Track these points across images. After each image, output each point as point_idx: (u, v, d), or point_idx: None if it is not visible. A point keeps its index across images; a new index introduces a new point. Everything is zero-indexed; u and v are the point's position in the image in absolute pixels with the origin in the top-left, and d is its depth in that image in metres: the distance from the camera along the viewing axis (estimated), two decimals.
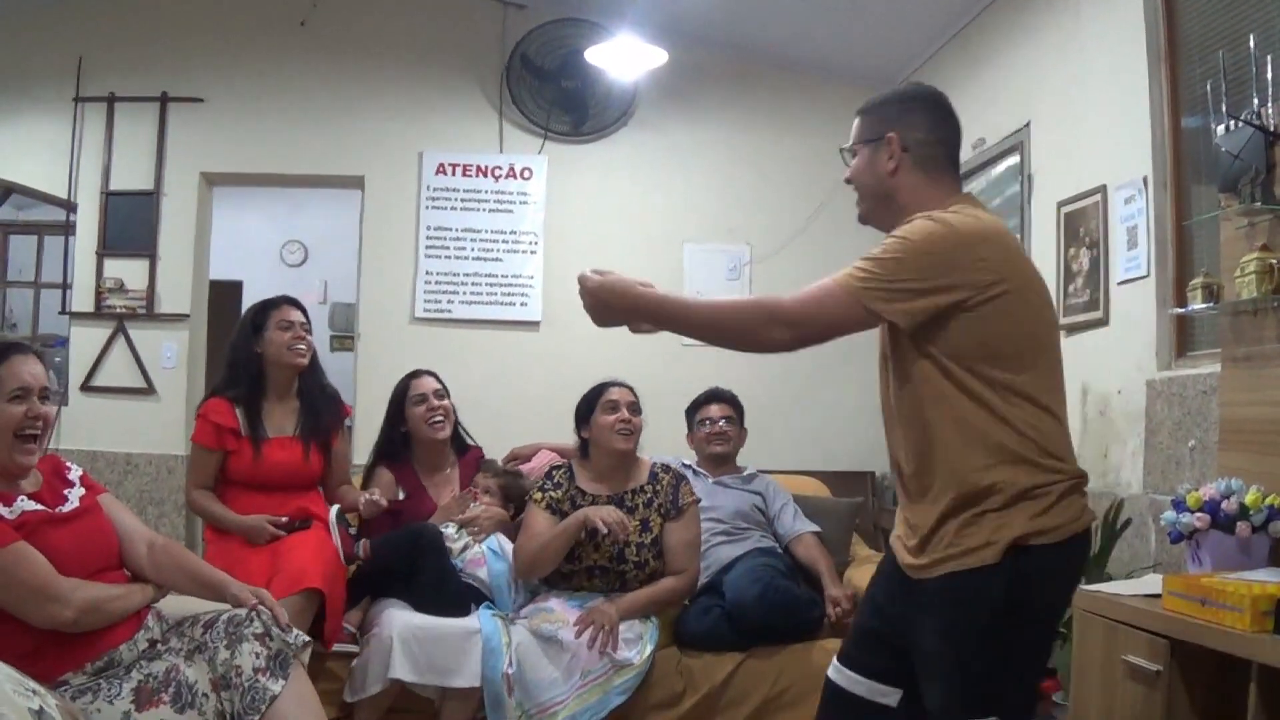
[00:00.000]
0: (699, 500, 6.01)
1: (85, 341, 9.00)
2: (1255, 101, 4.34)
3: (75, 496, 4.09)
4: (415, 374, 6.31)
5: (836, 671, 3.67)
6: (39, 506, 3.91)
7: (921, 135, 3.43)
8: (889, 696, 3.47)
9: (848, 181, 3.60)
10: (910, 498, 3.40)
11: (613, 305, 3.51)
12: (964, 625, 3.18)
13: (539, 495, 5.82)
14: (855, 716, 3.59)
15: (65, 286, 9.24)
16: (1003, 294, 3.13)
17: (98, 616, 3.83)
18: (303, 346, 5.78)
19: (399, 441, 6.27)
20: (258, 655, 3.80)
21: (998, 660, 3.15)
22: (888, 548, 3.59)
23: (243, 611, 3.95)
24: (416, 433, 6.19)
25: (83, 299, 9.02)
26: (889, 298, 3.13)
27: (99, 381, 8.95)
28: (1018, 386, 3.17)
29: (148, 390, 8.93)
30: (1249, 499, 4.06)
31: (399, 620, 5.33)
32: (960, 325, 3.15)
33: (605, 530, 5.47)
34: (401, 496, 6.10)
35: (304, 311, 5.92)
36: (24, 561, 3.69)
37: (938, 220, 3.19)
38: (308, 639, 4.10)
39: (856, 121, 3.55)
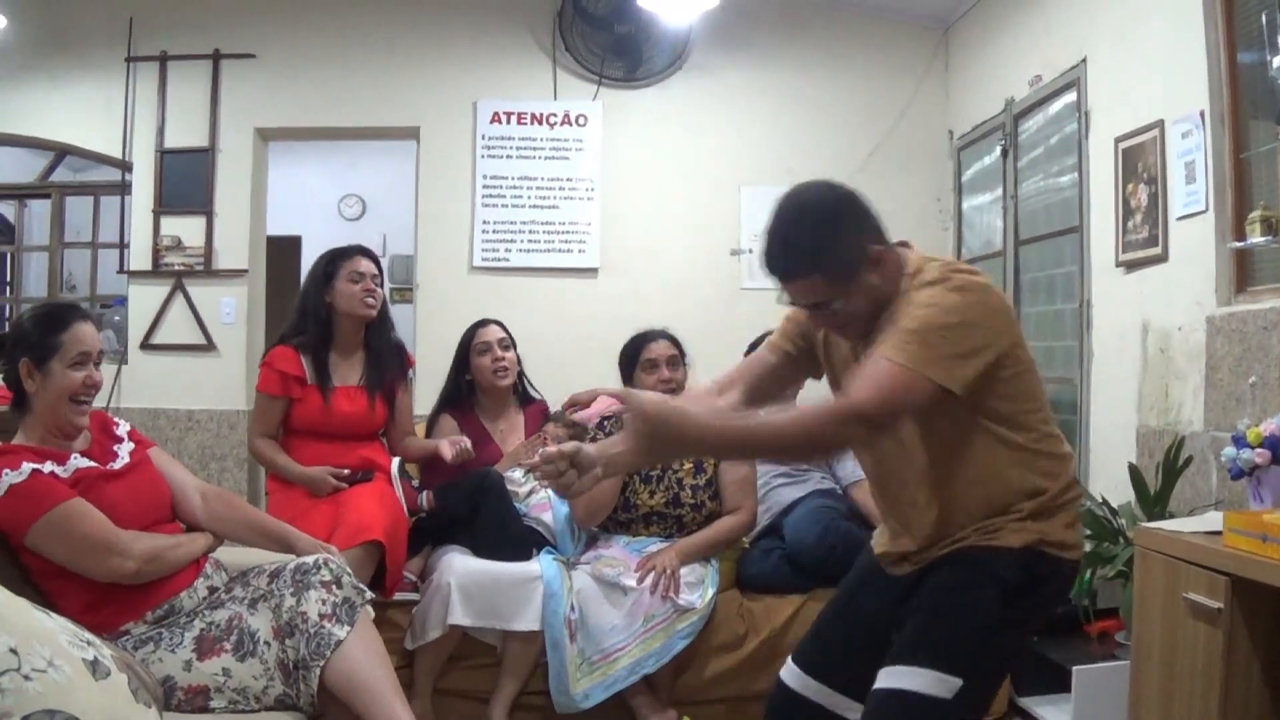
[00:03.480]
0: None
1: (144, 300, 9.05)
2: None
3: (125, 452, 4.14)
4: (482, 323, 6.31)
5: (787, 670, 3.68)
6: (92, 463, 3.95)
7: (875, 224, 3.37)
8: (852, 711, 3.43)
9: (839, 328, 3.44)
10: (926, 538, 3.40)
11: (670, 448, 3.10)
12: (969, 587, 3.23)
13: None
14: (795, 714, 3.60)
15: (123, 246, 9.26)
16: (1014, 349, 3.19)
17: (159, 565, 3.87)
18: (372, 300, 5.76)
19: (464, 389, 6.28)
20: (324, 602, 3.81)
21: (990, 635, 3.20)
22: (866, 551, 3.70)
23: (310, 559, 3.97)
24: (480, 381, 6.20)
25: (140, 258, 9.07)
26: (949, 371, 3.05)
27: (158, 339, 9.00)
28: (1039, 429, 3.28)
29: (207, 346, 8.97)
30: None
31: (458, 566, 5.37)
32: (995, 380, 3.16)
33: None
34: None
35: (377, 262, 5.90)
36: (83, 516, 3.73)
37: (954, 288, 3.14)
38: (371, 594, 4.12)
39: (816, 280, 3.24)
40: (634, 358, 5.92)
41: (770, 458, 3.28)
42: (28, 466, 3.77)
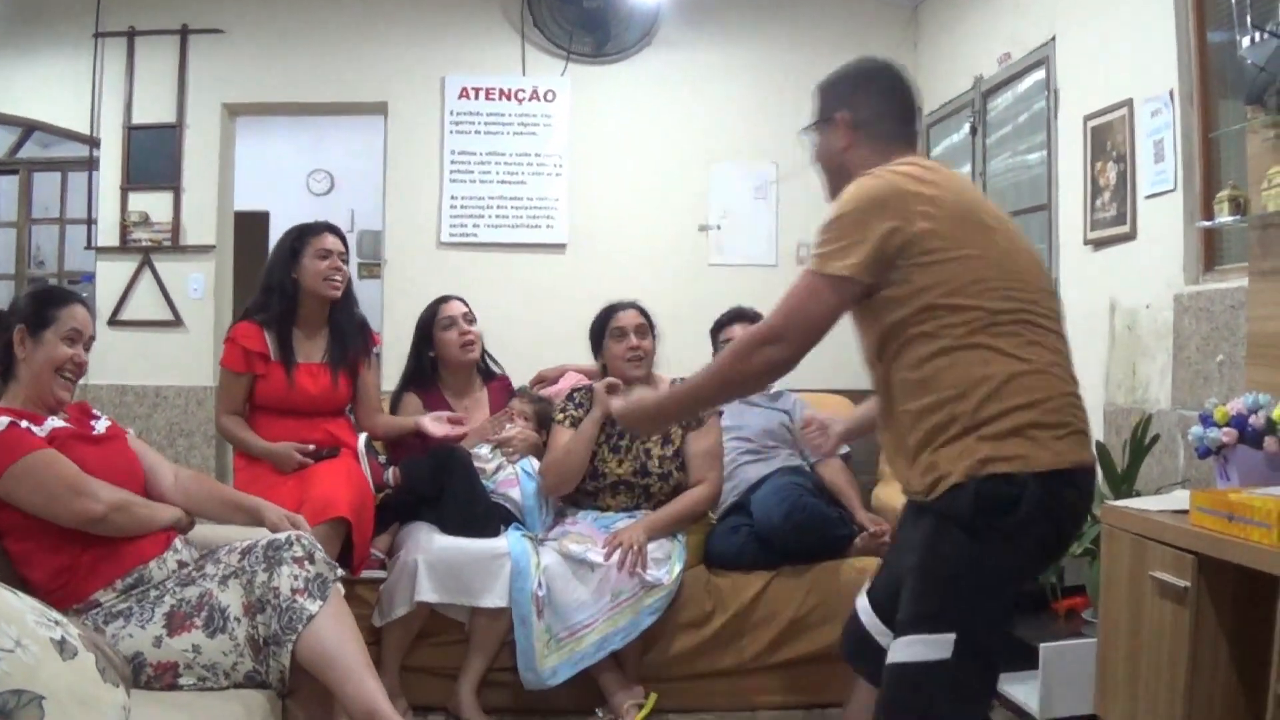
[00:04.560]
0: (722, 412, 6.01)
1: (112, 276, 9.03)
2: None
3: (102, 426, 4.20)
4: (444, 299, 6.30)
5: (860, 602, 3.85)
6: (68, 425, 4.02)
7: (869, 112, 3.58)
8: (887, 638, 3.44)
9: (814, 162, 3.76)
10: (901, 455, 3.42)
11: (645, 424, 3.79)
12: (939, 538, 3.23)
13: (561, 416, 5.87)
14: (862, 649, 3.73)
15: (90, 222, 9.23)
16: (938, 231, 3.19)
17: (126, 517, 3.89)
18: (338, 278, 5.75)
19: (427, 367, 6.27)
20: (296, 577, 3.81)
21: (968, 577, 3.19)
22: None
23: (283, 536, 3.97)
24: (445, 356, 6.20)
25: (108, 234, 9.05)
26: (842, 256, 3.21)
27: (126, 315, 8.98)
28: (999, 317, 3.20)
29: (175, 322, 8.95)
30: (1276, 413, 4.04)
31: (425, 542, 5.38)
32: (916, 267, 3.20)
33: (619, 385, 5.63)
34: None
35: (343, 239, 5.88)
36: (54, 463, 3.79)
37: (867, 175, 3.32)
38: (342, 570, 4.12)
39: (814, 103, 3.73)
40: (603, 328, 5.94)
41: (720, 398, 3.40)
42: (4, 419, 3.81)
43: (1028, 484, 3.11)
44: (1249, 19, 4.51)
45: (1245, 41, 4.46)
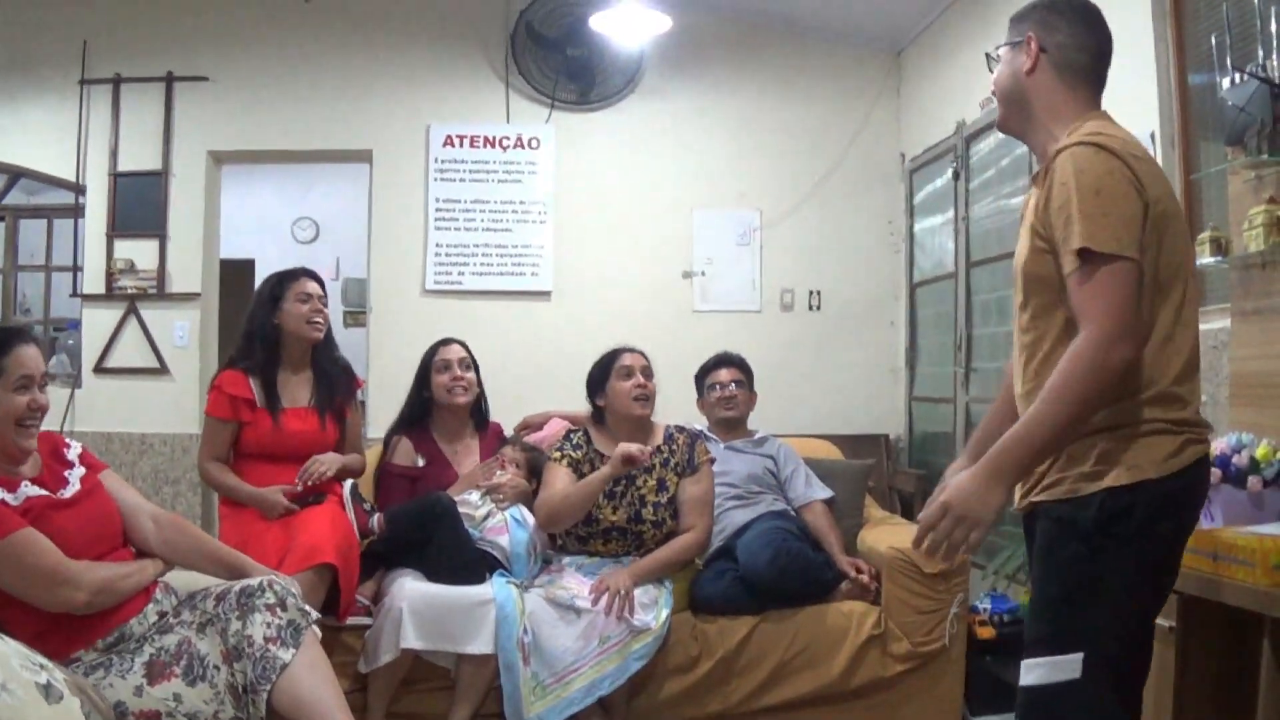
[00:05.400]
0: (714, 459, 6.03)
1: (97, 323, 9.02)
2: (1260, 54, 4.35)
3: (76, 478, 4.11)
4: (445, 341, 6.33)
5: None
6: (42, 492, 3.92)
7: (1062, 39, 3.36)
8: None
9: (993, 92, 3.56)
10: None
11: (987, 499, 3.06)
12: (1057, 553, 3.14)
13: (558, 455, 5.82)
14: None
15: (76, 269, 9.21)
16: (1157, 216, 3.03)
17: (109, 597, 3.85)
18: (320, 320, 5.78)
19: (423, 408, 6.27)
20: (269, 625, 3.80)
21: (1091, 592, 3.07)
22: None
23: (254, 582, 3.95)
24: (438, 399, 6.20)
25: (94, 281, 9.05)
26: (1123, 239, 2.95)
27: (112, 363, 8.97)
28: (1162, 317, 3.08)
29: (160, 370, 8.94)
30: (1260, 453, 4.05)
31: (410, 589, 5.34)
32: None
33: (640, 462, 5.49)
34: (421, 464, 6.11)
35: (321, 284, 5.91)
36: (32, 547, 3.70)
37: (1095, 147, 3.06)
38: (317, 614, 4.10)
39: (1008, 30, 3.49)
40: (607, 368, 5.89)
41: (1073, 430, 3.06)
42: None
43: (1147, 488, 3.04)
44: (1229, 60, 4.53)
45: (1225, 83, 4.48)
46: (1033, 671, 3.10)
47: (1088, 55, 3.37)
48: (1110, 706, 3.06)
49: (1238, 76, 4.38)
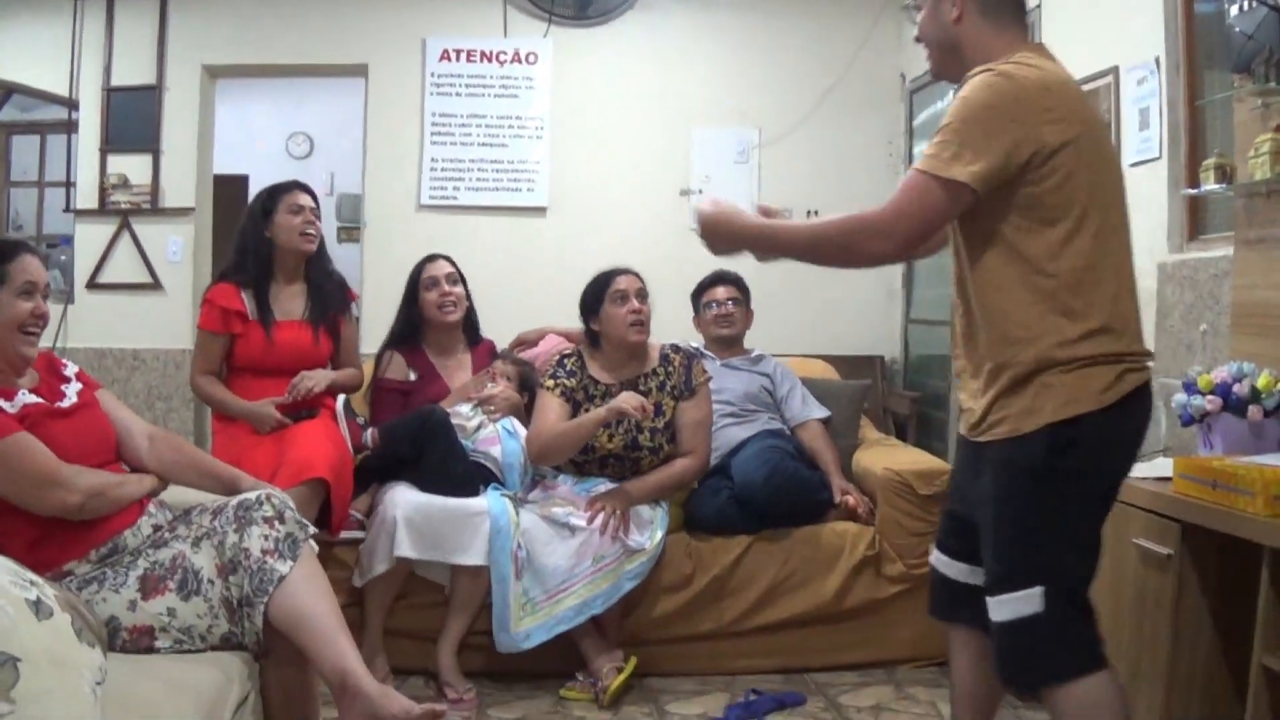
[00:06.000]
0: (711, 379, 5.99)
1: (90, 239, 8.97)
2: None
3: (73, 392, 4.08)
4: (430, 258, 6.31)
5: (934, 557, 3.81)
6: (39, 400, 3.90)
7: None
8: (978, 576, 3.50)
9: (917, 40, 3.60)
10: (971, 375, 3.46)
11: (720, 235, 3.56)
12: (1007, 491, 3.28)
13: (551, 383, 5.76)
14: (953, 598, 3.68)
15: (69, 185, 9.18)
16: (1066, 147, 3.13)
17: (102, 502, 3.82)
18: (312, 231, 5.76)
19: (412, 324, 6.26)
20: (266, 538, 3.77)
21: (1043, 527, 3.24)
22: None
23: (252, 495, 3.93)
24: (427, 316, 6.18)
25: (87, 196, 8.98)
26: (960, 161, 3.13)
27: (105, 279, 8.92)
28: (1080, 249, 3.19)
29: (154, 285, 8.90)
30: (1261, 382, 4.06)
31: (404, 499, 5.36)
32: (1024, 184, 3.16)
33: (637, 417, 5.45)
34: (413, 378, 6.12)
35: (313, 196, 5.88)
36: (28, 450, 3.68)
37: (997, 73, 3.18)
38: (314, 529, 4.08)
39: None
40: (600, 292, 5.80)
41: (803, 258, 3.32)
42: None
43: (1090, 420, 3.19)
44: None
45: (1234, 10, 4.45)
46: (1000, 609, 3.28)
47: None
48: (1076, 629, 3.25)
49: (1246, 3, 4.36)
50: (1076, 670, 3.20)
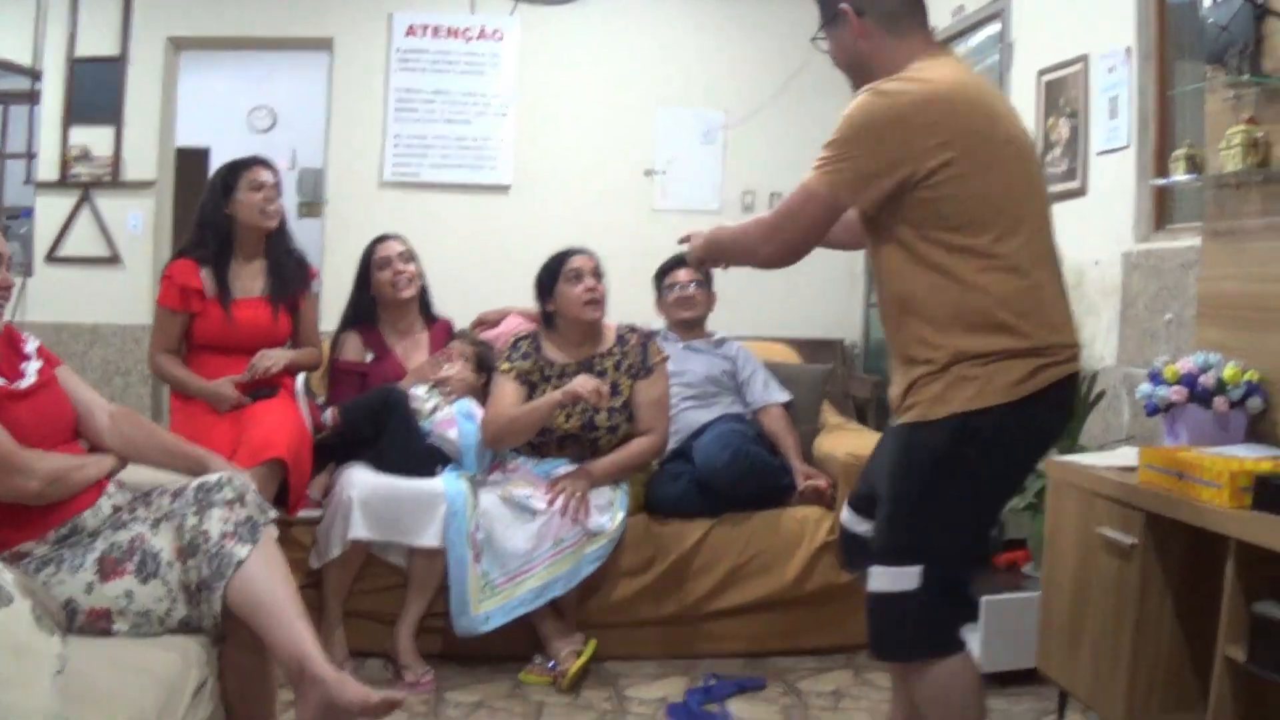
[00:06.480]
0: (668, 358, 5.97)
1: (51, 211, 8.92)
2: None
3: (32, 370, 4.02)
4: (381, 238, 6.24)
5: (844, 515, 4.04)
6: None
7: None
8: None
9: (838, 68, 3.72)
10: (894, 362, 3.60)
11: (705, 258, 3.95)
12: (906, 472, 3.45)
13: (506, 365, 5.73)
14: (862, 550, 3.72)
15: (30, 156, 9.13)
16: (950, 161, 3.25)
17: (62, 487, 3.78)
18: (273, 208, 5.70)
19: (367, 305, 6.21)
20: (226, 520, 3.73)
21: (934, 511, 3.39)
22: None
23: (213, 477, 3.89)
24: (382, 296, 6.14)
25: (48, 168, 8.94)
26: (841, 179, 3.34)
27: (65, 252, 8.90)
28: (979, 250, 3.30)
29: (113, 259, 8.88)
30: (1227, 374, 4.08)
31: (359, 481, 5.32)
32: (914, 196, 3.30)
33: (592, 402, 5.44)
34: (369, 359, 6.08)
35: (275, 172, 5.82)
36: None
37: (877, 92, 3.33)
38: (275, 512, 4.05)
39: (818, 7, 3.72)
40: (555, 272, 5.77)
41: (732, 260, 3.72)
42: None
43: (993, 415, 3.32)
44: None
45: (1207, 1, 4.45)
46: (878, 579, 3.46)
47: (905, 2, 3.56)
48: (943, 613, 3.43)
49: None
50: (930, 651, 3.41)
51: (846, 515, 4.01)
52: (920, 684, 3.44)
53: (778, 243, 3.54)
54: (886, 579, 3.42)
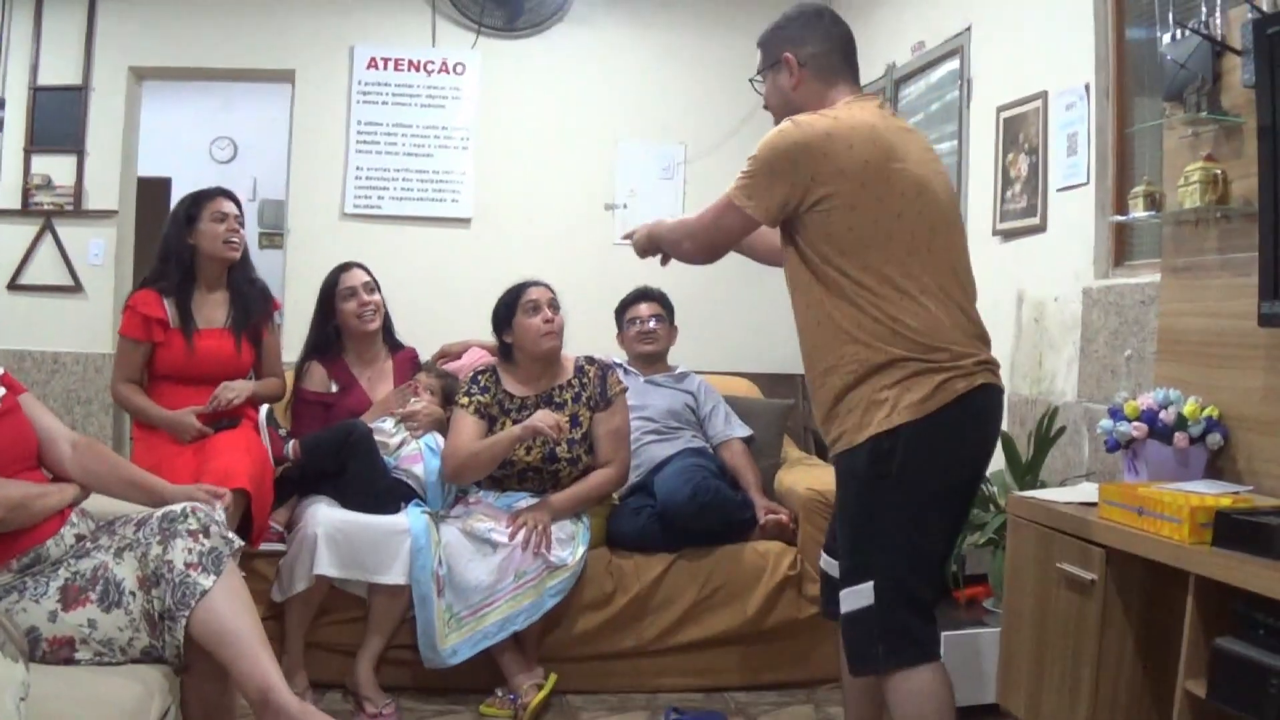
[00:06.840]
0: (626, 389, 5.99)
1: (12, 239, 8.88)
2: (1203, 10, 4.34)
3: None
4: (345, 266, 6.25)
5: (823, 560, 4.21)
6: None
7: (814, 48, 3.92)
8: None
9: (766, 109, 4.13)
10: (814, 393, 3.94)
11: (647, 248, 4.38)
12: (844, 497, 3.76)
13: (465, 400, 5.73)
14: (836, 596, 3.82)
15: None
16: (841, 191, 3.58)
17: (23, 514, 3.77)
18: (236, 240, 5.71)
19: (330, 335, 6.20)
20: (190, 551, 3.73)
21: (869, 529, 3.63)
22: None
23: (177, 508, 3.89)
24: (347, 326, 6.14)
25: (9, 196, 8.89)
26: (750, 197, 3.72)
27: (26, 280, 8.85)
28: (872, 272, 3.61)
29: (75, 288, 8.83)
30: (1187, 409, 4.10)
31: (324, 516, 5.32)
32: (811, 218, 3.65)
33: (552, 436, 5.45)
34: (334, 389, 6.07)
35: (237, 203, 5.83)
36: None
37: (794, 123, 3.69)
38: (240, 542, 4.05)
39: (758, 54, 4.14)
40: (513, 304, 5.79)
41: (670, 251, 4.27)
42: None
43: (901, 432, 3.56)
44: (1170, 15, 4.56)
45: (1166, 39, 4.50)
46: (845, 601, 3.68)
47: (838, 54, 3.96)
48: (904, 620, 3.59)
49: (1179, 32, 4.40)
50: (898, 661, 3.56)
51: (825, 561, 4.16)
52: (894, 697, 3.58)
53: (700, 242, 4.01)
54: (850, 599, 3.64)
